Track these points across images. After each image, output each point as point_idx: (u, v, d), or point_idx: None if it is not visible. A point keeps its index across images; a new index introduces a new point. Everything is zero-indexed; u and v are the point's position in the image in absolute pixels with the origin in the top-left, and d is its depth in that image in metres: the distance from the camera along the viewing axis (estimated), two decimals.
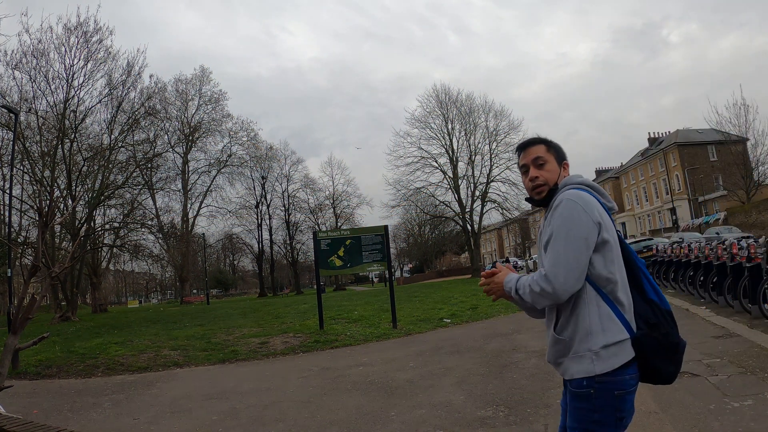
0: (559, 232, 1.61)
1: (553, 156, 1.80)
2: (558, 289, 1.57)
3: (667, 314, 1.69)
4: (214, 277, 62.98)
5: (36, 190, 22.39)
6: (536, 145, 1.81)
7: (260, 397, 5.37)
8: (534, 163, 1.77)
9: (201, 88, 39.07)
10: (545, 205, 1.77)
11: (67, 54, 22.26)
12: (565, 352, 1.65)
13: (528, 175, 1.78)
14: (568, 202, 1.64)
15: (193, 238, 40.56)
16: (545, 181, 1.76)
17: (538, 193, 1.77)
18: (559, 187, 1.75)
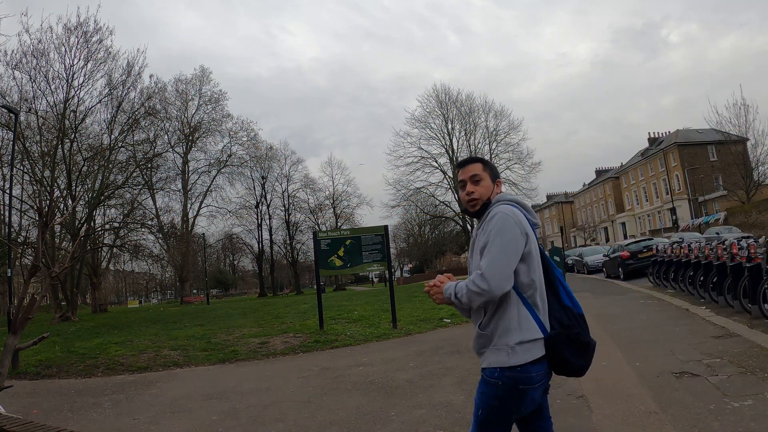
0: (495, 240, 1.83)
1: (488, 174, 2.03)
2: (493, 286, 1.78)
3: (579, 317, 1.93)
4: (214, 277, 62.98)
5: (36, 190, 22.40)
6: (474, 163, 2.04)
7: (260, 397, 5.37)
8: (471, 179, 2.00)
9: (201, 88, 39.13)
10: (478, 216, 2.00)
11: (67, 54, 22.28)
12: (486, 344, 1.88)
13: (465, 190, 2.00)
14: (502, 215, 1.87)
15: (193, 238, 40.57)
16: (480, 196, 1.98)
17: (472, 206, 2.00)
18: (492, 202, 1.98)
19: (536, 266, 1.89)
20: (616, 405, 3.82)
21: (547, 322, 1.89)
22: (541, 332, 1.85)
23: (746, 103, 35.69)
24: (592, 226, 63.04)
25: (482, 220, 1.96)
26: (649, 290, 11.83)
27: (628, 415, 3.56)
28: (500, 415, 1.84)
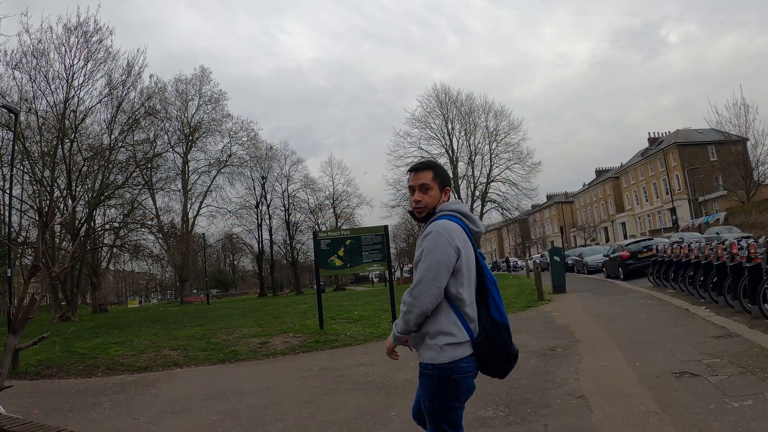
0: (426, 258, 1.96)
1: (438, 182, 2.11)
2: (421, 303, 1.95)
3: (503, 327, 2.07)
4: (214, 277, 62.95)
5: (36, 190, 22.39)
6: (426, 171, 2.12)
7: (260, 397, 5.37)
8: (420, 188, 2.09)
9: (201, 88, 39.11)
10: (424, 222, 2.12)
11: (67, 54, 22.28)
12: (420, 341, 2.05)
13: (413, 197, 2.10)
14: (436, 234, 1.98)
15: (193, 238, 40.56)
16: (426, 204, 2.09)
17: (419, 213, 2.11)
18: (437, 211, 2.09)
19: (465, 280, 2.02)
20: (616, 405, 3.82)
21: (476, 328, 2.04)
22: (468, 336, 2.02)
23: (746, 103, 35.75)
24: (592, 226, 63.02)
25: (423, 228, 2.10)
26: (649, 290, 11.83)
27: (628, 415, 3.56)
28: (442, 403, 2.00)
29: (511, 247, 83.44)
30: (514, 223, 51.52)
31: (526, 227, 78.93)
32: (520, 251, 76.01)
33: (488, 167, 37.24)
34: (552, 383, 4.65)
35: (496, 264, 55.28)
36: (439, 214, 2.07)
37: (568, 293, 13.73)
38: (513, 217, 41.07)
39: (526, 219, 75.31)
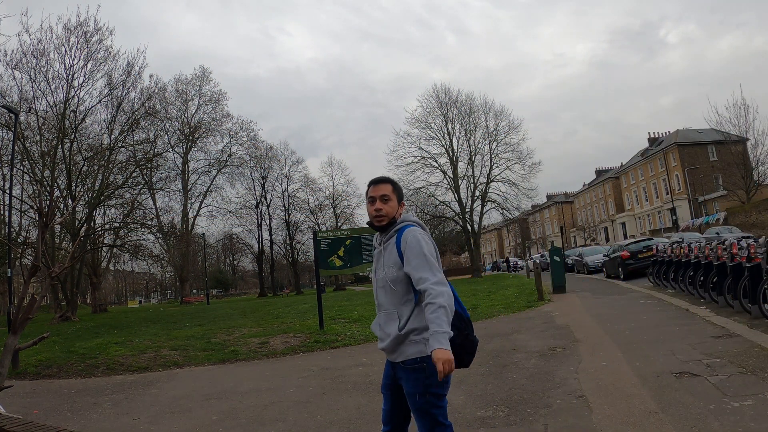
0: (420, 253, 2.12)
1: (396, 195, 2.29)
2: (443, 282, 2.09)
3: (467, 320, 2.27)
4: (214, 277, 62.94)
5: (36, 190, 22.39)
6: (386, 183, 2.30)
7: (260, 397, 5.37)
8: (381, 198, 2.25)
9: (201, 88, 39.14)
10: (382, 231, 2.28)
11: (67, 54, 22.29)
12: (403, 341, 2.16)
13: (374, 206, 2.25)
14: (417, 232, 2.19)
15: (193, 238, 40.55)
16: (386, 213, 2.25)
17: (379, 221, 2.25)
18: (397, 220, 2.27)
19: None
20: (616, 405, 3.82)
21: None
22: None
23: (746, 103, 35.78)
24: (592, 226, 63.01)
25: (387, 235, 2.26)
26: (649, 290, 11.83)
27: (628, 415, 3.56)
28: (433, 393, 2.12)
29: (511, 247, 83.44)
30: (514, 223, 51.46)
31: (526, 227, 78.93)
32: (520, 251, 76.01)
33: (488, 167, 37.20)
34: (552, 383, 4.65)
35: (496, 264, 55.24)
36: (404, 223, 2.26)
37: (568, 293, 13.73)
38: (513, 217, 40.97)
39: (526, 219, 75.31)
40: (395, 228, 2.25)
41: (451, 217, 39.88)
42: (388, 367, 2.29)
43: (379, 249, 2.29)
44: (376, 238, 2.36)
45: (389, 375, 2.29)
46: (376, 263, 2.31)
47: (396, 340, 2.16)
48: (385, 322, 2.23)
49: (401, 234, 2.21)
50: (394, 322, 2.19)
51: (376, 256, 2.31)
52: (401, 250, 2.18)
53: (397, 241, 2.21)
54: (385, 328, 2.22)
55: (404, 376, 2.17)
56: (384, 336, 2.22)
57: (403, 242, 2.18)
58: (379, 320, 2.28)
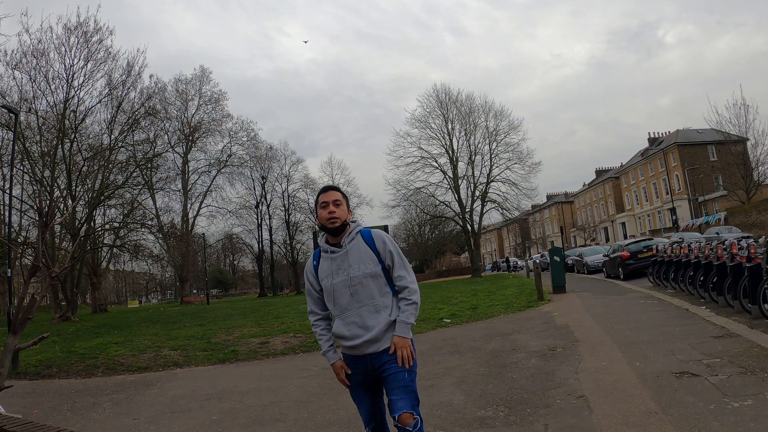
0: (399, 253, 2.41)
1: (345, 201, 2.47)
2: (416, 281, 2.44)
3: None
4: (214, 277, 62.93)
5: (36, 190, 22.40)
6: (335, 191, 2.47)
7: (260, 397, 5.37)
8: (334, 203, 2.41)
9: (201, 88, 39.14)
10: (335, 233, 2.40)
11: (67, 54, 22.31)
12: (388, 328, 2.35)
13: (327, 209, 2.39)
14: (385, 235, 2.45)
15: (193, 238, 40.53)
16: (339, 216, 2.39)
17: (332, 223, 2.38)
18: (349, 223, 2.44)
19: None
20: (616, 405, 3.81)
21: None
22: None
23: (746, 103, 35.76)
24: (592, 226, 63.00)
25: (349, 236, 2.40)
26: (649, 290, 11.83)
27: (628, 415, 3.56)
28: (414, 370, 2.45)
29: (511, 247, 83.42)
30: (514, 223, 51.47)
31: (526, 227, 78.92)
32: (520, 251, 75.97)
33: (488, 167, 37.18)
34: (552, 383, 4.65)
35: (496, 264, 55.23)
36: (359, 226, 2.46)
37: (568, 293, 13.73)
38: (513, 217, 41.00)
39: (526, 219, 75.31)
40: (355, 230, 2.42)
41: (451, 217, 39.88)
42: (360, 365, 2.38)
43: (341, 251, 2.38)
44: (325, 242, 2.45)
45: (363, 372, 2.39)
46: (336, 266, 2.37)
47: (385, 328, 2.32)
48: (367, 316, 2.33)
49: (368, 234, 2.41)
50: (379, 313, 2.34)
51: (338, 258, 2.38)
52: (377, 247, 2.38)
53: (367, 240, 2.39)
54: (369, 321, 2.33)
55: (390, 359, 2.33)
56: (364, 331, 2.32)
57: (379, 241, 2.38)
58: (352, 318, 2.35)
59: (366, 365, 2.37)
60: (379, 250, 2.37)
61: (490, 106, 40.32)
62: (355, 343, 2.33)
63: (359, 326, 2.33)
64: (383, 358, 2.34)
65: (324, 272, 2.41)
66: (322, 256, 2.45)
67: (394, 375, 2.31)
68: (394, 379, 2.31)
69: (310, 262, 2.52)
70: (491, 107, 39.06)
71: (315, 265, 2.46)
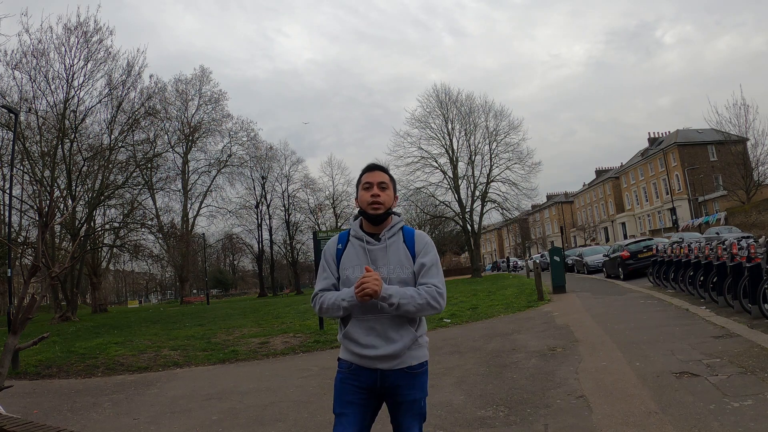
0: (438, 261, 2.05)
1: (393, 186, 2.10)
2: (444, 305, 2.00)
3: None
4: (214, 277, 62.94)
5: (36, 190, 22.41)
6: (383, 171, 2.10)
7: (260, 397, 5.37)
8: (379, 185, 2.05)
9: (201, 88, 39.14)
10: (376, 222, 2.04)
11: (67, 54, 22.31)
12: (413, 344, 2.02)
13: (371, 192, 2.03)
14: (430, 240, 2.09)
15: (193, 238, 40.53)
16: (384, 202, 2.03)
17: (375, 209, 2.02)
18: (393, 213, 2.09)
19: None
20: (616, 405, 3.81)
21: None
22: None
23: (746, 103, 35.78)
24: (592, 226, 62.99)
25: (391, 230, 2.05)
26: (649, 290, 11.83)
27: (628, 415, 3.56)
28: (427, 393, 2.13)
29: (511, 247, 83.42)
30: (514, 223, 51.46)
31: (526, 227, 78.92)
32: (520, 251, 75.99)
33: (488, 167, 37.18)
34: (552, 383, 4.65)
35: (496, 264, 55.23)
36: (402, 222, 2.11)
37: (568, 293, 13.73)
38: (513, 217, 41.00)
39: (526, 219, 75.30)
40: (397, 224, 2.07)
41: (451, 217, 39.88)
42: (366, 379, 2.01)
43: (379, 245, 2.02)
44: (359, 229, 2.07)
45: (367, 387, 2.02)
46: (370, 259, 2.01)
47: (409, 344, 2.00)
48: (390, 327, 1.98)
49: (410, 233, 2.07)
50: (405, 326, 2.00)
51: (375, 251, 2.02)
52: (415, 250, 2.03)
53: (408, 240, 2.05)
54: (391, 333, 1.98)
55: (407, 383, 2.01)
56: (384, 342, 1.98)
57: (420, 243, 2.04)
58: (373, 324, 1.98)
59: (374, 381, 2.02)
60: (418, 254, 2.03)
61: (490, 106, 40.40)
62: (371, 353, 1.98)
63: (379, 335, 1.98)
64: (400, 379, 2.01)
65: (350, 261, 2.03)
66: (351, 242, 2.07)
67: (411, 403, 2.02)
68: (411, 406, 2.03)
69: (333, 244, 2.11)
70: (491, 107, 39.17)
71: (339, 250, 2.07)
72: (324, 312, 2.04)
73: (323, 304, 2.03)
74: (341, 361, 2.09)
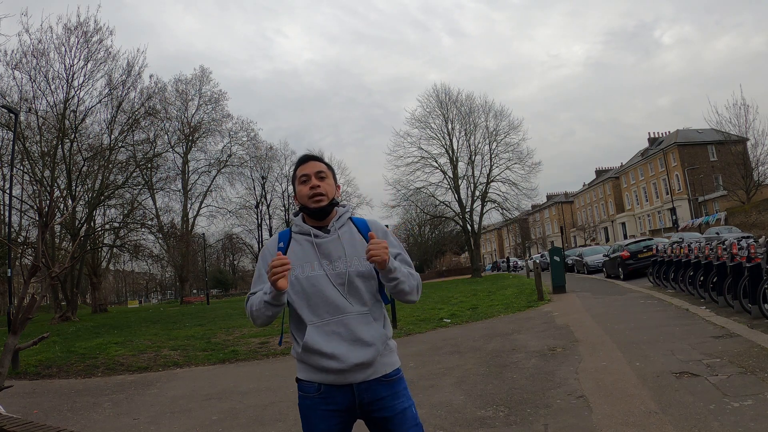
0: (404, 250, 1.86)
1: (331, 174, 1.88)
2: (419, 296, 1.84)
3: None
4: (214, 277, 62.92)
5: (36, 190, 22.42)
6: (317, 161, 1.88)
7: (260, 397, 5.37)
8: (317, 175, 1.83)
9: (201, 88, 39.07)
10: (320, 215, 1.81)
11: (67, 54, 22.33)
12: (385, 349, 1.77)
13: (308, 184, 1.81)
14: (384, 226, 1.89)
15: (193, 238, 40.53)
16: (326, 192, 1.81)
17: (317, 201, 1.79)
18: (338, 203, 1.87)
19: None
20: (616, 405, 3.81)
21: None
22: None
23: (746, 103, 35.82)
24: (592, 226, 62.99)
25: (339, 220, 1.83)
26: (649, 290, 11.83)
27: (628, 415, 3.56)
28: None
29: (511, 247, 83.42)
30: (514, 223, 51.47)
31: (526, 227, 78.92)
32: (520, 251, 75.98)
33: (488, 167, 37.21)
34: (552, 383, 4.65)
35: (496, 264, 55.23)
36: (350, 211, 1.90)
37: (568, 293, 13.73)
38: (513, 217, 41.02)
39: (526, 219, 75.29)
40: (344, 214, 1.86)
41: (451, 217, 39.89)
42: (340, 399, 1.71)
43: (329, 237, 1.78)
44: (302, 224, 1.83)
45: (344, 409, 1.72)
46: (323, 254, 1.76)
47: (381, 346, 1.74)
48: (358, 326, 1.71)
49: (362, 223, 1.86)
50: (372, 324, 1.74)
51: (324, 244, 1.77)
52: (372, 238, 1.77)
53: (362, 229, 1.83)
54: (360, 335, 1.70)
55: (390, 393, 1.75)
56: (353, 346, 1.69)
57: (379, 231, 1.83)
58: (335, 328, 1.70)
59: (351, 399, 1.71)
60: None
61: (490, 106, 40.46)
62: (341, 365, 1.67)
63: (345, 339, 1.69)
64: (381, 390, 1.73)
65: (297, 259, 1.75)
66: (294, 239, 1.82)
67: (402, 414, 1.75)
68: (404, 418, 1.75)
69: (273, 243, 1.85)
70: (491, 107, 39.27)
71: (281, 249, 1.79)
72: (256, 316, 1.73)
73: (252, 306, 1.73)
74: (303, 383, 1.75)
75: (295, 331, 1.78)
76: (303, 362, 1.75)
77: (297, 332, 1.77)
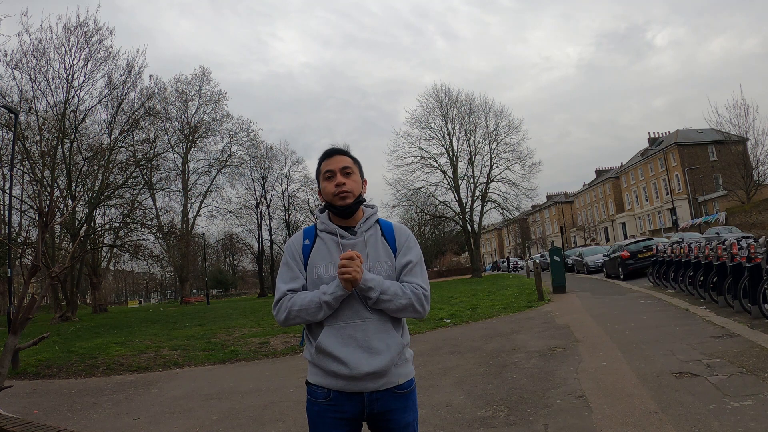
0: (422, 260, 1.79)
1: (358, 169, 1.80)
2: (428, 310, 1.76)
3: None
4: (214, 277, 62.92)
5: (36, 190, 22.42)
6: (343, 155, 1.80)
7: (260, 397, 5.37)
8: (342, 171, 1.75)
9: (201, 88, 39.07)
10: (346, 214, 1.74)
11: (67, 54, 22.33)
12: (400, 358, 1.73)
13: (333, 181, 1.73)
14: (411, 233, 1.83)
15: (193, 238, 40.53)
16: (351, 189, 1.74)
17: (343, 198, 1.72)
18: (365, 203, 1.80)
19: None
20: (616, 405, 3.81)
21: None
22: None
23: (746, 103, 35.80)
24: (592, 226, 62.99)
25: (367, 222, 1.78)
26: (649, 290, 11.83)
27: (628, 415, 3.56)
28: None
29: (511, 247, 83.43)
30: (514, 223, 51.49)
31: (526, 227, 78.94)
32: (520, 251, 76.00)
33: (488, 167, 37.17)
34: (552, 383, 4.65)
35: (497, 264, 55.25)
36: (377, 213, 1.84)
37: (568, 293, 13.73)
38: (513, 217, 41.01)
39: (526, 219, 75.32)
40: (372, 216, 1.80)
41: (451, 217, 39.87)
42: (349, 408, 1.67)
43: (355, 239, 1.73)
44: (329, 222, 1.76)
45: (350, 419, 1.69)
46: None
47: (396, 356, 1.70)
48: (374, 334, 1.67)
49: (389, 227, 1.81)
50: (389, 332, 1.70)
51: (350, 247, 1.72)
52: (396, 245, 1.77)
53: (387, 234, 1.78)
54: (375, 342, 1.66)
55: (400, 406, 1.71)
56: (367, 354, 1.65)
57: (401, 237, 1.78)
58: (351, 332, 1.67)
59: (361, 408, 1.68)
60: (399, 250, 1.76)
61: (490, 106, 40.43)
62: (354, 372, 1.63)
63: (360, 345, 1.66)
64: (392, 402, 1.70)
65: (321, 258, 1.71)
66: (320, 236, 1.76)
67: (405, 428, 1.73)
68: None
69: (299, 239, 1.79)
70: (491, 107, 39.22)
71: (307, 245, 1.75)
72: (294, 317, 1.67)
73: (293, 306, 1.65)
74: (313, 387, 1.71)
75: (310, 331, 1.74)
76: (315, 365, 1.72)
77: (312, 332, 1.73)
